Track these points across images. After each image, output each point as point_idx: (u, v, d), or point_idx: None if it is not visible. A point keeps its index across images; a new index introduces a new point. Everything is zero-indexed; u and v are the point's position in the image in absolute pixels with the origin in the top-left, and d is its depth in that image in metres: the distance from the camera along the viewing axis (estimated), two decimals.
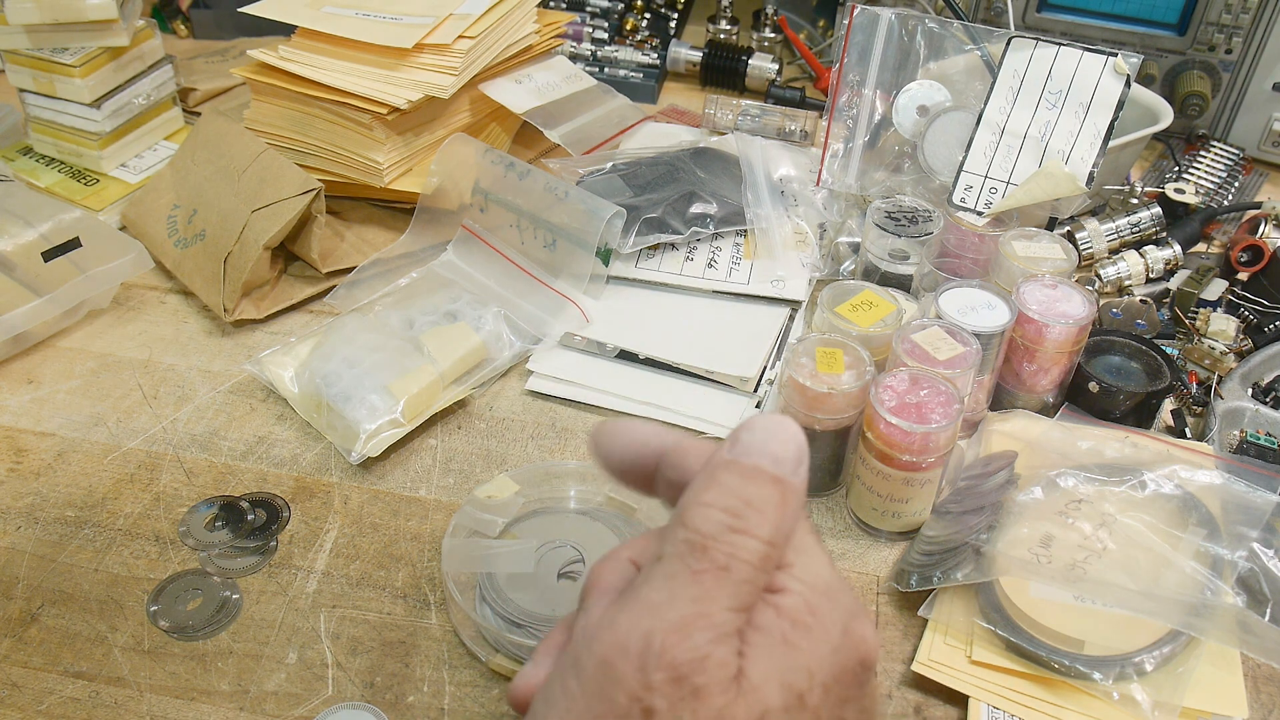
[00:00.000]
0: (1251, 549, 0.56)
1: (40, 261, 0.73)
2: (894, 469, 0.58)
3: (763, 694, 0.31)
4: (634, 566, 0.38)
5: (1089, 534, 0.56)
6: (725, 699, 0.31)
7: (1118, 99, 0.71)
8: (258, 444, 0.66)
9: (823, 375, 0.59)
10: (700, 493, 0.34)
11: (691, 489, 0.34)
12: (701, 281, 0.78)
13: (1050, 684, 0.52)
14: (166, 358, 0.73)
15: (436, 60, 0.80)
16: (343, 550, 0.60)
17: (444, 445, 0.67)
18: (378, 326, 0.70)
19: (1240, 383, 0.69)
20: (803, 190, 0.84)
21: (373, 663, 0.54)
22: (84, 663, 0.54)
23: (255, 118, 0.84)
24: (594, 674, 0.32)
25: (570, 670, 0.33)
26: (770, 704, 0.31)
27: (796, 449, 0.34)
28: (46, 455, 0.65)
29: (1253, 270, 0.78)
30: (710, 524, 0.33)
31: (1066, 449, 0.61)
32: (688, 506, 0.33)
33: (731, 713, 0.31)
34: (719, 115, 0.97)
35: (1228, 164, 0.91)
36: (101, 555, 0.59)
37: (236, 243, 0.74)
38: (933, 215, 0.74)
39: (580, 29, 1.07)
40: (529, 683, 0.36)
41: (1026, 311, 0.63)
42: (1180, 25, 0.93)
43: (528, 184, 0.77)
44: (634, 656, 0.31)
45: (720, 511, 0.33)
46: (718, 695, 0.31)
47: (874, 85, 0.80)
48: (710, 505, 0.33)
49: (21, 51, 0.83)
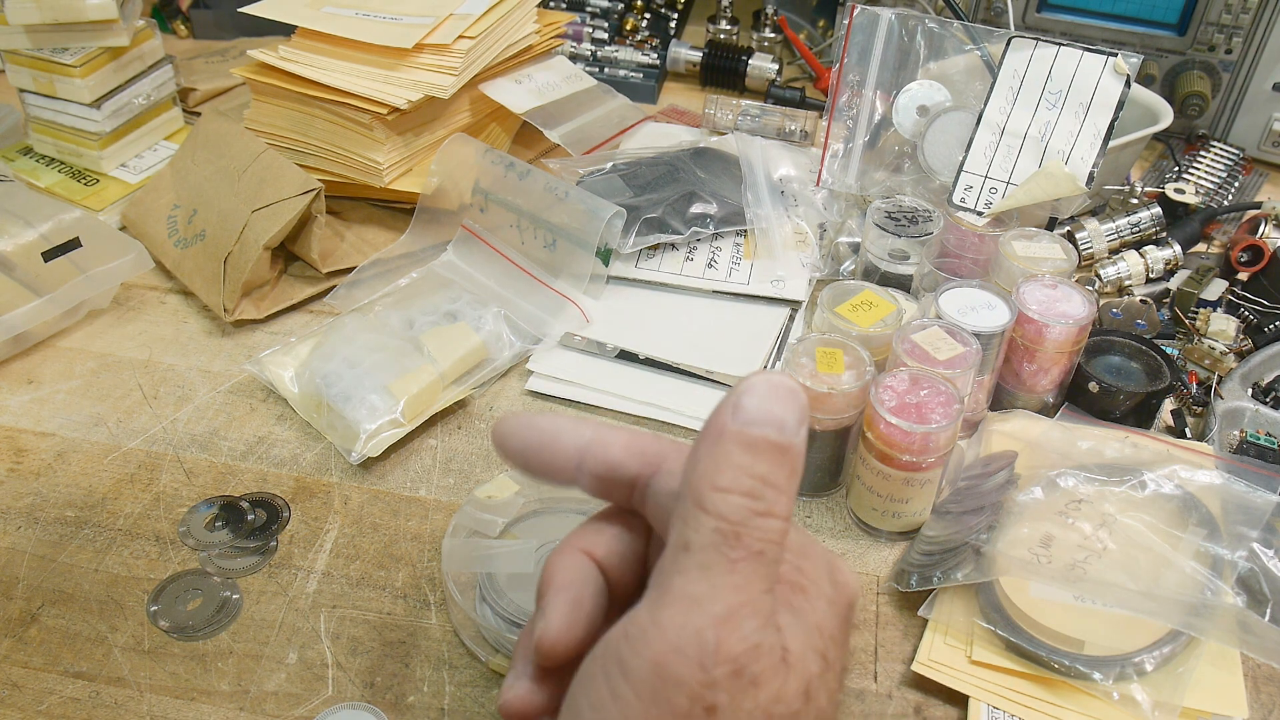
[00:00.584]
0: (1251, 549, 0.56)
1: (40, 261, 0.73)
2: (894, 469, 0.58)
3: (805, 665, 0.32)
4: (588, 559, 0.37)
5: (1089, 534, 0.56)
6: (779, 680, 0.31)
7: (1118, 99, 0.71)
8: (258, 444, 0.66)
9: (823, 375, 0.59)
10: (715, 475, 0.33)
11: (702, 469, 0.33)
12: (701, 281, 0.78)
13: (1050, 684, 0.52)
14: (166, 358, 0.73)
15: (436, 60, 0.80)
16: (343, 550, 0.60)
17: (444, 445, 0.67)
18: (378, 326, 0.70)
19: (1240, 383, 0.69)
20: (803, 190, 0.84)
21: (373, 663, 0.54)
22: (84, 663, 0.54)
23: (255, 118, 0.84)
24: (648, 678, 0.31)
25: (618, 676, 0.32)
26: (811, 672, 0.32)
27: (798, 410, 0.34)
28: (46, 455, 0.65)
29: (1253, 270, 0.78)
30: (737, 510, 0.32)
31: (1066, 449, 0.61)
32: (706, 492, 0.33)
33: (785, 692, 0.31)
34: (719, 115, 0.97)
35: (1228, 164, 0.91)
36: (101, 555, 0.59)
37: (236, 243, 0.74)
38: (933, 215, 0.74)
39: (580, 29, 1.07)
40: (522, 697, 0.36)
41: (1026, 311, 0.63)
42: (1180, 25, 0.93)
43: (528, 184, 0.77)
44: (691, 656, 0.31)
45: (741, 496, 0.32)
46: (773, 679, 0.31)
47: (874, 85, 0.80)
48: (730, 490, 0.32)
49: (21, 51, 0.83)
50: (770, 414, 0.33)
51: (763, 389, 0.34)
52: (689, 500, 0.33)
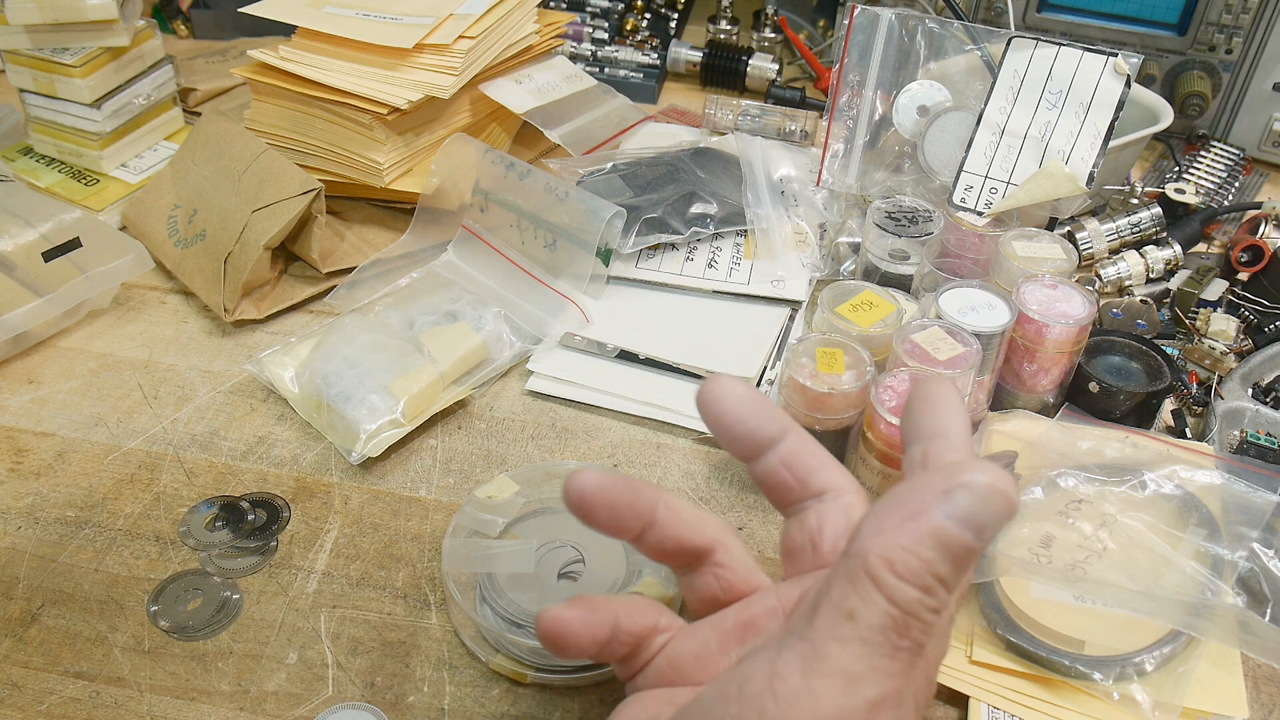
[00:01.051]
0: (1252, 549, 0.56)
1: (40, 261, 0.73)
2: (894, 469, 0.58)
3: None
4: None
5: (1089, 534, 0.56)
6: None
7: (1118, 99, 0.71)
8: (258, 444, 0.66)
9: (823, 375, 0.59)
10: (900, 559, 0.31)
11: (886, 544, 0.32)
12: (701, 281, 0.78)
13: (1050, 684, 0.52)
14: (166, 358, 0.73)
15: (436, 60, 0.80)
16: (343, 550, 0.60)
17: (444, 445, 0.67)
18: (378, 326, 0.70)
19: (1240, 383, 0.69)
20: (803, 190, 0.84)
21: (373, 663, 0.54)
22: (84, 663, 0.54)
23: (255, 118, 0.84)
24: None
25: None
26: None
27: (1007, 517, 0.32)
28: (46, 455, 0.65)
29: (1253, 270, 0.78)
30: (912, 602, 0.31)
31: (1066, 449, 0.61)
32: (884, 572, 0.31)
33: None
34: (719, 115, 0.97)
35: (1228, 164, 0.91)
36: (101, 555, 0.59)
37: (237, 243, 0.74)
38: (933, 215, 0.74)
39: (580, 29, 1.07)
40: (565, 619, 0.38)
41: (1026, 311, 0.63)
42: (1180, 25, 0.93)
43: (528, 184, 0.77)
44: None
45: (920, 591, 0.31)
46: None
47: (874, 85, 0.80)
48: (911, 581, 0.31)
49: (22, 51, 0.83)
50: (979, 520, 0.32)
51: (983, 490, 0.32)
52: (861, 568, 0.32)
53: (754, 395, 0.40)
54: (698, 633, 0.40)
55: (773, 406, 0.40)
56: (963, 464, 0.32)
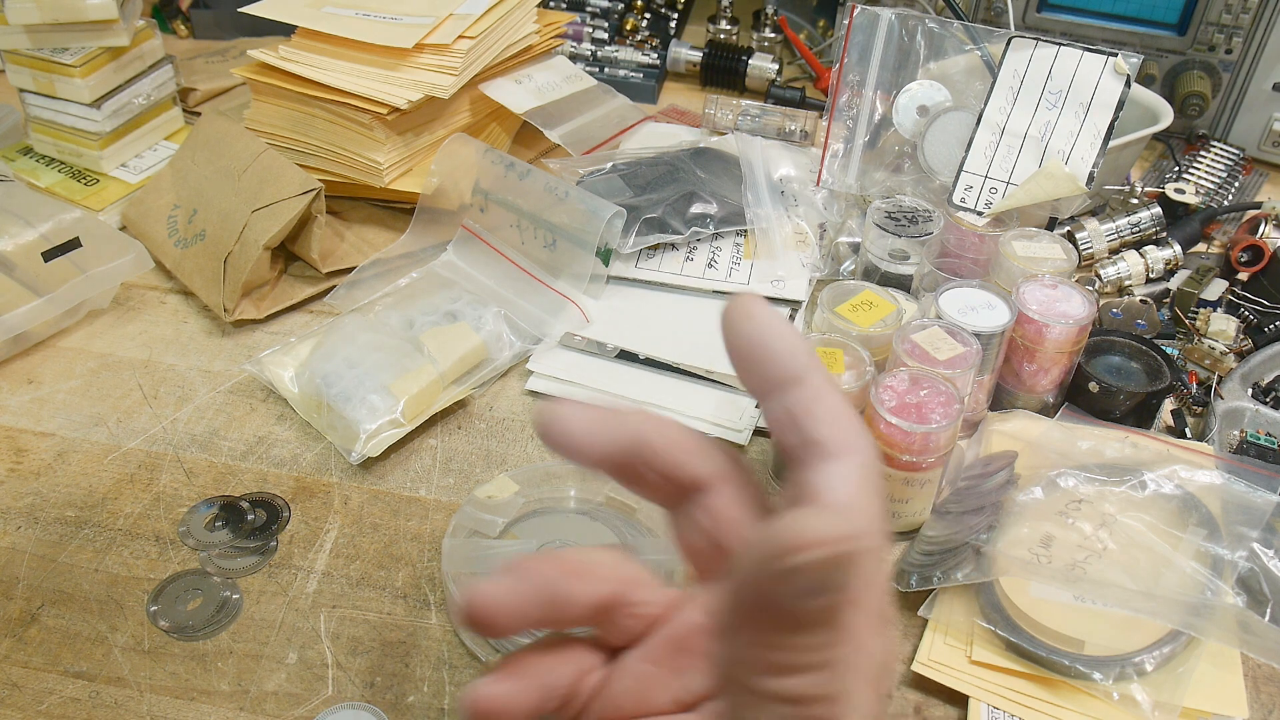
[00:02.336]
0: (1252, 549, 0.56)
1: (40, 261, 0.73)
2: (894, 469, 0.58)
3: None
4: None
5: (1089, 534, 0.56)
6: None
7: (1118, 99, 0.71)
8: (258, 444, 0.66)
9: None
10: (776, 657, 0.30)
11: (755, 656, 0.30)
12: (701, 281, 0.78)
13: (1050, 684, 0.52)
14: (166, 358, 0.73)
15: (436, 60, 0.80)
16: (343, 550, 0.60)
17: (444, 445, 0.67)
18: (378, 326, 0.70)
19: (1240, 383, 0.69)
20: (803, 190, 0.84)
21: (373, 663, 0.54)
22: (84, 663, 0.54)
23: (255, 118, 0.84)
24: None
25: None
26: None
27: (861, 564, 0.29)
28: (46, 455, 0.65)
29: (1253, 270, 0.78)
30: (803, 688, 0.30)
31: (1066, 449, 0.61)
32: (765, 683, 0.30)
33: None
34: (719, 115, 0.97)
35: (1228, 164, 0.91)
36: (101, 555, 0.59)
37: (237, 243, 0.74)
38: (933, 215, 0.74)
39: (580, 29, 1.07)
40: (493, 695, 0.33)
41: (1026, 311, 0.63)
42: (1180, 25, 0.93)
43: (528, 184, 0.77)
44: None
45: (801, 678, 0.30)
46: None
47: (874, 85, 0.80)
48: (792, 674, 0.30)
49: (21, 51, 0.83)
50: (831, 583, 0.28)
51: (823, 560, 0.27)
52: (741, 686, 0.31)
53: (777, 323, 0.33)
54: (630, 667, 0.38)
55: (797, 341, 0.34)
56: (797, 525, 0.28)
